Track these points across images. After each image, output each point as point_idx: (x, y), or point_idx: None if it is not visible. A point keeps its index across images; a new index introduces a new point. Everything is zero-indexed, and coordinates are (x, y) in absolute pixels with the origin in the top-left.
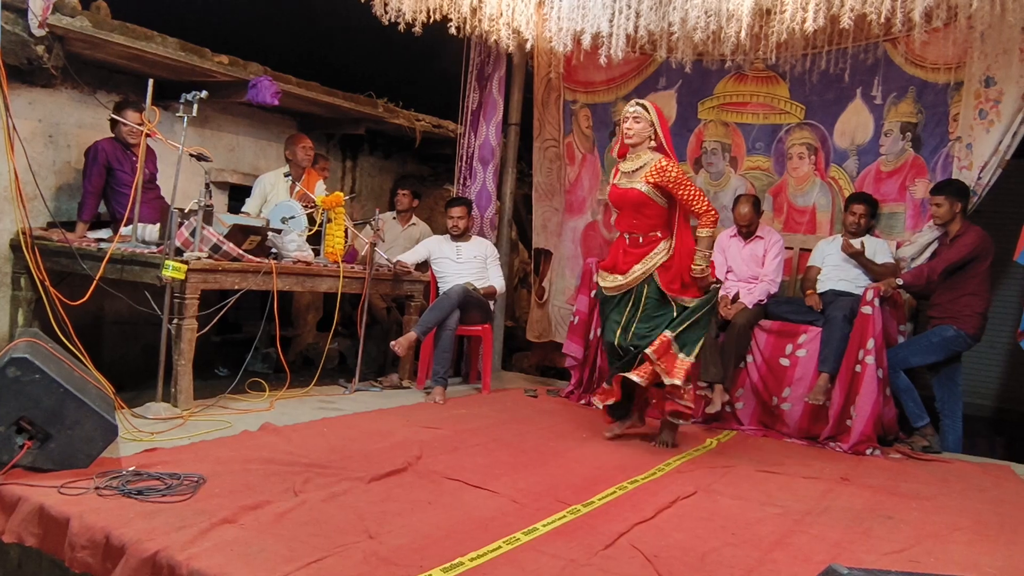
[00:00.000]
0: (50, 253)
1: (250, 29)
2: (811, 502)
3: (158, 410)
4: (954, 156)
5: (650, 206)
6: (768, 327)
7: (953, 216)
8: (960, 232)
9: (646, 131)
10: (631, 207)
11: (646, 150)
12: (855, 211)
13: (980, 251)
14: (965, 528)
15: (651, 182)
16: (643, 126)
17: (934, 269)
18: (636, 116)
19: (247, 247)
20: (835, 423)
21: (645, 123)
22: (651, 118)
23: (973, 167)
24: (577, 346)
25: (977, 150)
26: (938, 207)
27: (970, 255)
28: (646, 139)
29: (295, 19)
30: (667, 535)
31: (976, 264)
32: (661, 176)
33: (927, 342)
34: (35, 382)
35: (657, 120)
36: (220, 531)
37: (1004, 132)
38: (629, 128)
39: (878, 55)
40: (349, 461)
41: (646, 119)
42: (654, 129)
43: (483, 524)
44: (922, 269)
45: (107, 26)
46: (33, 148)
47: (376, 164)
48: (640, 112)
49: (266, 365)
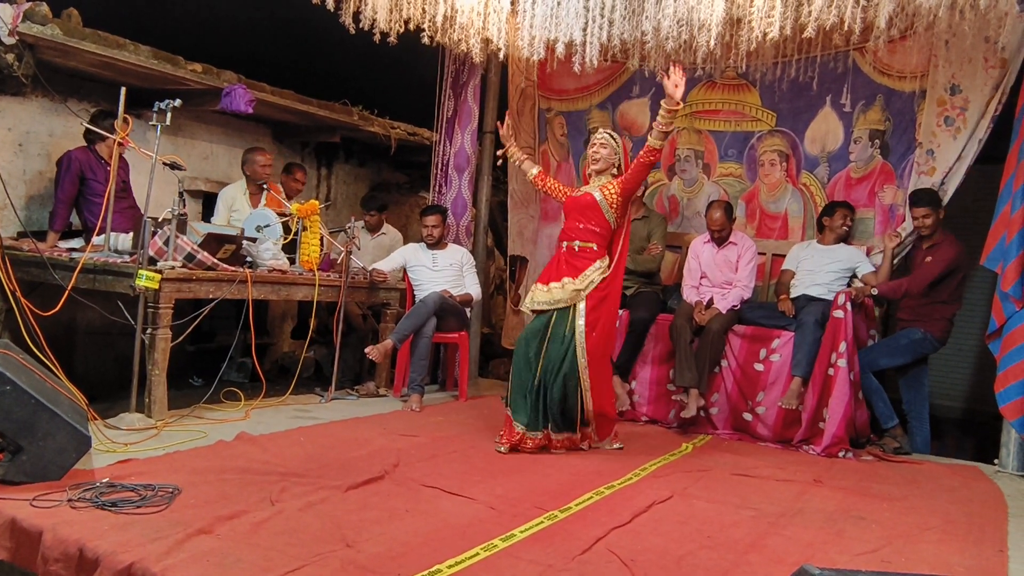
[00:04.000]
0: (21, 263)
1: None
2: (785, 504)
3: (132, 421)
4: (915, 162)
5: (596, 213)
6: (742, 332)
7: (935, 227)
8: (939, 241)
9: (612, 158)
10: (578, 210)
11: (608, 176)
12: (844, 214)
13: (958, 263)
14: (935, 528)
15: (604, 192)
16: (609, 152)
17: (915, 284)
18: (603, 143)
19: (222, 256)
20: (808, 426)
21: (611, 150)
22: (618, 148)
23: (935, 173)
24: None
25: (941, 156)
26: (926, 218)
27: (949, 268)
28: (611, 166)
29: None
30: (643, 539)
31: (953, 275)
32: (616, 187)
33: (896, 344)
34: (6, 394)
35: (622, 152)
36: (196, 542)
37: (968, 138)
38: (596, 153)
39: (847, 64)
40: (326, 470)
41: (612, 147)
42: (619, 158)
43: (461, 531)
44: (901, 284)
45: (79, 34)
46: (3, 157)
47: (351, 172)
48: (608, 140)
49: (241, 374)
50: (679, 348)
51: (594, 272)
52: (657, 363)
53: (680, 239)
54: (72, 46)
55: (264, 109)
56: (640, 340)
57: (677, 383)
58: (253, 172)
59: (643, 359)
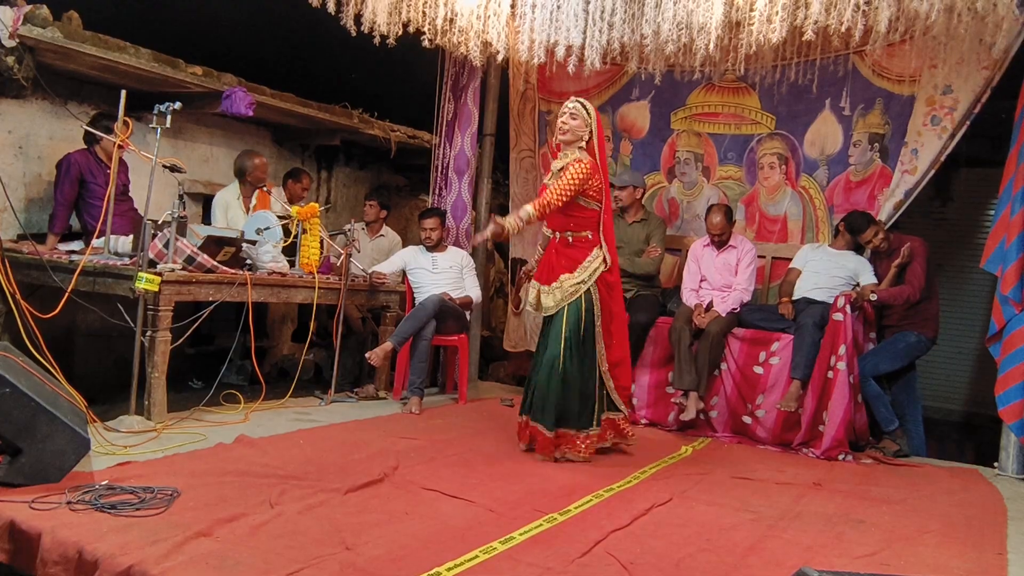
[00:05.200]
0: (21, 265)
1: (224, 40)
2: (784, 507)
3: (131, 423)
4: (900, 160)
5: (571, 203)
6: (741, 335)
7: (888, 241)
8: (895, 245)
9: (580, 130)
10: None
11: (575, 149)
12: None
13: (927, 256)
14: (934, 531)
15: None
16: (578, 124)
17: (914, 291)
18: (573, 113)
19: (221, 258)
20: (807, 429)
21: (581, 122)
22: (589, 119)
23: (917, 171)
24: None
25: (923, 155)
26: (876, 236)
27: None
28: (579, 138)
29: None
30: (643, 542)
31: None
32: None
33: (894, 348)
34: (5, 396)
35: (595, 124)
36: (195, 544)
37: (950, 138)
38: (564, 123)
39: (847, 67)
40: (325, 472)
41: (583, 118)
42: (590, 130)
43: (460, 534)
44: (902, 291)
45: (79, 37)
46: (3, 159)
47: (351, 175)
48: (578, 110)
49: (241, 377)
50: (678, 351)
51: (594, 261)
52: (656, 366)
53: (679, 242)
54: (72, 49)
55: (264, 112)
56: (639, 343)
57: (676, 386)
58: (247, 176)
59: (642, 362)
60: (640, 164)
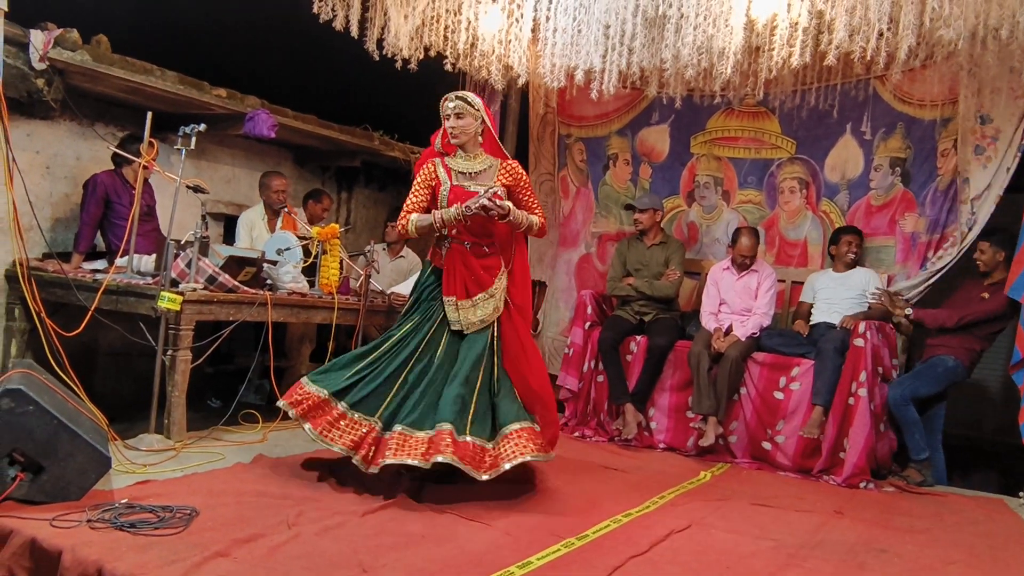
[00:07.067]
0: (45, 284)
1: (248, 62)
2: (805, 535)
3: (151, 442)
4: (940, 191)
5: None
6: (761, 360)
7: (996, 264)
8: (1000, 280)
9: (471, 126)
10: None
11: (478, 148)
12: (849, 241)
13: (1004, 312)
14: (959, 561)
15: (505, 184)
16: (467, 121)
17: (953, 318)
18: (458, 112)
19: (242, 278)
20: (828, 456)
21: (470, 118)
22: (477, 111)
23: (967, 201)
24: (572, 378)
25: (972, 185)
26: (982, 253)
27: (993, 315)
28: (475, 134)
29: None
30: (661, 569)
31: (1001, 320)
32: (513, 176)
33: (933, 372)
34: (28, 414)
35: (484, 112)
36: (213, 564)
37: (997, 168)
38: (453, 128)
39: (868, 92)
40: (343, 493)
41: (471, 113)
42: (481, 120)
43: (477, 558)
44: (940, 315)
45: (107, 60)
46: (31, 179)
47: (371, 196)
48: (463, 107)
49: (259, 396)
50: (697, 375)
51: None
52: (675, 390)
53: (698, 265)
54: (101, 72)
55: (286, 134)
56: (658, 367)
57: (695, 411)
58: (268, 197)
59: (661, 386)
60: (660, 188)
